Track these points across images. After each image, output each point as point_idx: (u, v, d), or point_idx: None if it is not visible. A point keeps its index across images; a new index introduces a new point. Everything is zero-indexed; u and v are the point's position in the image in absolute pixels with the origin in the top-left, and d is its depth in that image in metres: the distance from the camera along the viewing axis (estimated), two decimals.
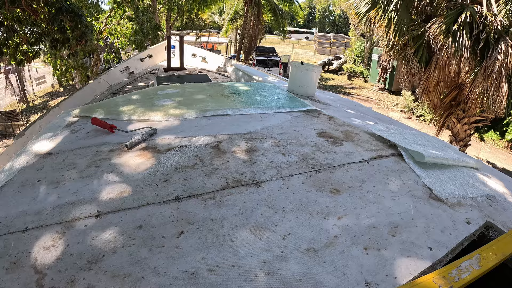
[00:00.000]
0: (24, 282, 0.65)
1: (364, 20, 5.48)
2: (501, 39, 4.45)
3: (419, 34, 5.07)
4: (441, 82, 5.18)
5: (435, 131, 6.25)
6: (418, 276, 0.70)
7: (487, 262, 0.61)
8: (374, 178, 1.07)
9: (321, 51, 29.45)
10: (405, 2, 4.98)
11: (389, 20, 5.01)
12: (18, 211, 0.86)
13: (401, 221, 0.87)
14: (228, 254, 0.73)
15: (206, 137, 1.29)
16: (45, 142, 1.28)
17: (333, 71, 21.18)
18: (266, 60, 15.20)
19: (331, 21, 47.52)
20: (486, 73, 4.49)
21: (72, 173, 1.04)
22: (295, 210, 0.89)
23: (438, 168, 1.15)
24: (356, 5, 5.62)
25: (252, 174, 1.04)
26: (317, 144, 1.28)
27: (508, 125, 10.58)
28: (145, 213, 0.85)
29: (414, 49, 5.18)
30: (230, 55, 19.43)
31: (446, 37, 4.56)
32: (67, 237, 0.77)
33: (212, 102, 1.75)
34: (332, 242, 0.79)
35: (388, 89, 16.77)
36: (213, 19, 22.43)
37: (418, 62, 5.22)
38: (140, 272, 0.68)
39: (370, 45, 19.17)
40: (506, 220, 0.93)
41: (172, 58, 4.48)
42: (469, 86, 5.08)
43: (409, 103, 13.33)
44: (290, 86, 2.11)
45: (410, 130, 1.57)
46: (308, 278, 0.69)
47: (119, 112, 1.54)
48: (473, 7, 4.57)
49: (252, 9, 15.50)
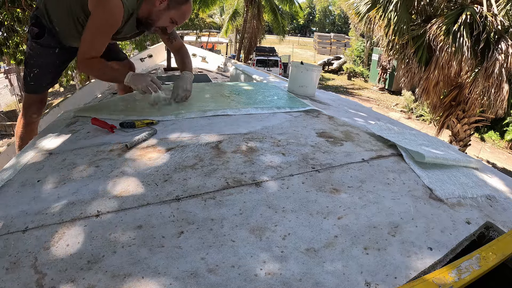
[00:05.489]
0: (24, 282, 0.65)
1: (364, 20, 5.48)
2: (502, 39, 4.45)
3: (419, 34, 5.07)
4: (441, 82, 5.19)
5: (435, 131, 6.25)
6: (418, 276, 0.70)
7: (487, 262, 0.61)
8: (374, 178, 1.07)
9: (321, 51, 29.45)
10: (405, 2, 4.99)
11: (389, 20, 5.01)
12: (18, 211, 0.86)
13: (401, 221, 0.87)
14: (228, 254, 0.73)
15: (206, 137, 1.29)
16: (45, 142, 1.28)
17: (333, 71, 21.18)
18: (266, 60, 15.20)
19: (331, 21, 47.54)
20: (487, 74, 4.49)
21: (72, 173, 1.04)
22: (295, 210, 0.89)
23: (438, 168, 1.15)
24: (356, 5, 5.62)
25: (252, 174, 1.04)
26: (317, 144, 1.28)
27: (508, 125, 10.58)
28: (145, 213, 0.85)
29: (414, 49, 5.18)
30: (230, 55, 19.42)
31: (446, 37, 4.57)
32: (67, 237, 0.77)
33: (212, 102, 1.75)
34: (332, 242, 0.79)
35: (388, 89, 16.77)
36: (213, 19, 22.45)
37: (418, 62, 5.22)
38: (140, 272, 0.68)
39: (370, 45, 19.17)
40: (506, 220, 0.93)
41: (172, 58, 4.48)
42: (469, 86, 5.09)
43: (409, 103, 13.32)
44: (290, 86, 2.11)
45: (410, 130, 1.57)
46: (308, 278, 0.69)
47: (119, 112, 1.54)
48: (473, 7, 4.57)
49: (252, 9, 15.51)
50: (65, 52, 1.69)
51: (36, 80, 1.70)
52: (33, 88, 1.73)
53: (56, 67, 1.75)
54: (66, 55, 1.73)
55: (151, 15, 1.51)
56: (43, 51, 1.65)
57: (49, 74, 1.73)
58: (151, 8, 1.49)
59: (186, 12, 1.55)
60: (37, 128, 1.90)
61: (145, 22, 1.54)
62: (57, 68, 1.76)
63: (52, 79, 1.77)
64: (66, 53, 1.71)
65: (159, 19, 1.52)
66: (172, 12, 1.51)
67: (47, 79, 1.74)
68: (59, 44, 1.65)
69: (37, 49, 1.63)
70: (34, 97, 1.76)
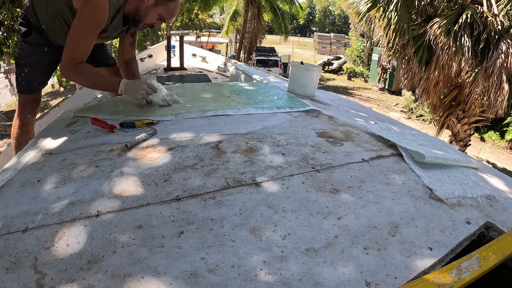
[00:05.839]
0: (24, 282, 0.65)
1: (364, 20, 5.47)
2: (502, 39, 4.45)
3: (420, 34, 5.07)
4: (441, 82, 5.18)
5: (435, 131, 6.25)
6: (418, 276, 0.70)
7: (487, 262, 0.61)
8: (374, 178, 1.07)
9: (321, 51, 29.45)
10: (406, 2, 4.99)
11: (389, 19, 5.01)
12: (18, 211, 0.86)
13: (401, 221, 0.87)
14: (228, 254, 0.73)
15: (206, 137, 1.29)
16: (45, 142, 1.28)
17: (333, 71, 21.17)
18: (266, 60, 15.19)
19: (331, 21, 47.56)
20: (487, 74, 4.49)
21: (72, 173, 1.04)
22: (295, 210, 0.89)
23: (438, 168, 1.15)
24: (356, 5, 5.62)
25: (252, 174, 1.04)
26: (317, 144, 1.28)
27: (508, 125, 10.58)
28: (145, 213, 0.85)
29: (414, 49, 5.18)
30: (230, 55, 19.42)
31: (446, 37, 4.56)
32: (67, 237, 0.77)
33: (212, 102, 1.75)
34: (332, 242, 0.79)
35: (388, 89, 16.76)
36: (213, 19, 22.45)
37: (418, 62, 5.22)
38: (140, 272, 0.68)
39: (370, 45, 19.17)
40: (506, 220, 0.93)
41: (172, 58, 4.48)
42: (469, 86, 5.09)
43: (409, 103, 13.32)
44: (290, 86, 2.11)
45: (410, 130, 1.57)
46: (308, 278, 0.69)
47: (119, 112, 1.54)
48: (473, 7, 4.57)
49: (252, 9, 15.50)
50: (54, 50, 1.67)
51: (27, 80, 1.70)
52: (25, 88, 1.72)
53: (46, 66, 1.73)
54: (56, 54, 1.68)
55: (139, 11, 1.49)
56: (32, 50, 1.64)
57: (40, 73, 1.73)
58: (139, 4, 1.47)
59: (174, 8, 1.53)
60: (33, 129, 1.89)
61: (133, 19, 1.51)
62: (47, 67, 1.75)
63: (43, 78, 1.76)
64: (55, 52, 1.64)
65: (147, 15, 1.50)
66: (160, 8, 1.49)
67: (38, 78, 1.73)
68: (47, 42, 1.63)
69: (26, 48, 1.63)
70: (27, 97, 1.76)
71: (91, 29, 1.42)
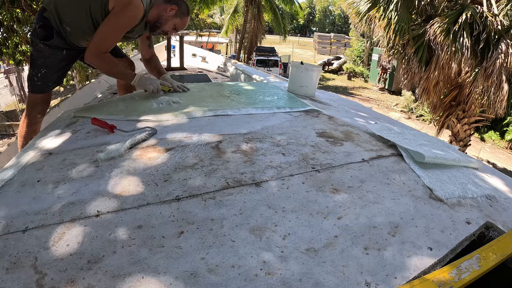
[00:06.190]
0: (24, 282, 0.65)
1: (364, 20, 5.47)
2: (502, 39, 4.44)
3: (419, 34, 5.07)
4: (441, 82, 5.18)
5: (435, 131, 6.25)
6: (418, 276, 0.70)
7: (487, 262, 0.61)
8: (374, 178, 1.07)
9: (321, 51, 29.43)
10: (406, 2, 4.98)
11: (389, 19, 5.01)
12: (18, 211, 0.86)
13: (401, 221, 0.87)
14: (228, 254, 0.73)
15: (206, 137, 1.28)
16: (45, 142, 1.28)
17: (333, 71, 21.16)
18: (266, 60, 15.17)
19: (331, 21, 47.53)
20: (487, 73, 4.49)
21: (72, 173, 1.04)
22: (295, 210, 0.89)
23: (438, 168, 1.15)
24: (356, 5, 5.61)
25: (252, 174, 1.04)
26: (317, 144, 1.28)
27: (508, 125, 10.58)
28: (145, 213, 0.85)
29: (414, 49, 5.17)
30: (230, 55, 19.41)
31: (446, 37, 4.56)
32: (67, 237, 0.77)
33: (212, 102, 1.75)
34: (332, 242, 0.79)
35: (388, 89, 16.76)
36: (213, 19, 22.44)
37: (418, 62, 5.21)
38: (140, 272, 0.68)
39: (370, 45, 19.15)
40: (506, 220, 0.93)
41: (172, 58, 4.49)
42: (469, 86, 5.08)
43: (409, 103, 13.32)
44: (290, 86, 2.11)
45: (410, 130, 1.57)
46: (308, 278, 0.69)
47: (119, 112, 1.54)
48: (473, 7, 4.57)
49: (252, 9, 15.49)
50: (72, 52, 1.79)
51: (43, 80, 1.77)
52: (40, 88, 1.79)
53: (63, 66, 1.83)
54: (73, 56, 1.82)
55: (160, 19, 1.71)
56: (52, 52, 1.72)
57: (56, 73, 1.81)
58: (162, 13, 1.70)
59: (186, 22, 1.81)
60: (40, 129, 1.92)
61: (153, 24, 1.73)
62: (63, 68, 1.85)
63: (58, 77, 1.85)
64: (73, 54, 1.81)
65: (166, 23, 1.73)
66: (177, 20, 1.74)
67: (53, 78, 1.82)
68: (67, 45, 1.73)
69: (45, 50, 1.71)
70: (39, 97, 1.83)
71: (125, 26, 1.61)
